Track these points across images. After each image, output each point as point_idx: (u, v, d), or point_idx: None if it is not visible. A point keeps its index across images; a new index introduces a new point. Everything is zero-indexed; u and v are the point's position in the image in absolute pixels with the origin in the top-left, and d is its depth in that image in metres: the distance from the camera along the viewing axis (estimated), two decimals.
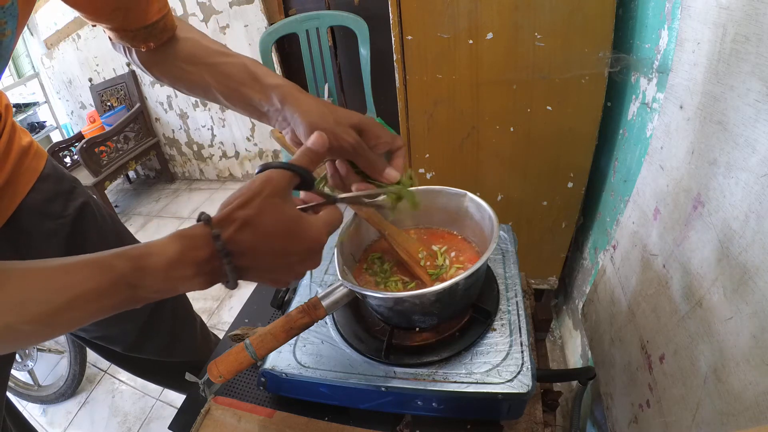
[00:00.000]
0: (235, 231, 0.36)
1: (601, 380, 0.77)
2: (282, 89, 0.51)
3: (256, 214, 0.36)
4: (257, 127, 2.53)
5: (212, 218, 0.37)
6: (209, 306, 1.83)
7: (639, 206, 0.70)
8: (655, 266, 0.61)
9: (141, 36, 0.52)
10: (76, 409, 1.51)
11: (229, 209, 0.37)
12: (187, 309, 0.94)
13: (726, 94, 0.46)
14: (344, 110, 0.50)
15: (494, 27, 0.88)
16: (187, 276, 0.36)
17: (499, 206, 1.12)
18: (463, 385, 0.49)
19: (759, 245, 0.39)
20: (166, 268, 0.35)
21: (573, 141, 0.98)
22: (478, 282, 0.57)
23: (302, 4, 1.94)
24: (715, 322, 0.45)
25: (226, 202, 0.37)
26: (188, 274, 0.36)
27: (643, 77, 0.82)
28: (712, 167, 0.48)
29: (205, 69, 0.53)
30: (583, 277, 1.15)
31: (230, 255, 0.36)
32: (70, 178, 0.70)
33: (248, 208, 0.36)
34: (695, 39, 0.54)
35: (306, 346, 0.58)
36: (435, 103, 1.01)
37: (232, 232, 0.36)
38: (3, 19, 0.39)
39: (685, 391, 0.49)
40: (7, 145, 0.58)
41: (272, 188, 0.38)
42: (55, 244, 0.65)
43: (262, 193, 0.37)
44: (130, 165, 2.64)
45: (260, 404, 0.61)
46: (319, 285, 0.69)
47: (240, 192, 0.37)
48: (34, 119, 3.26)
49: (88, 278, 0.33)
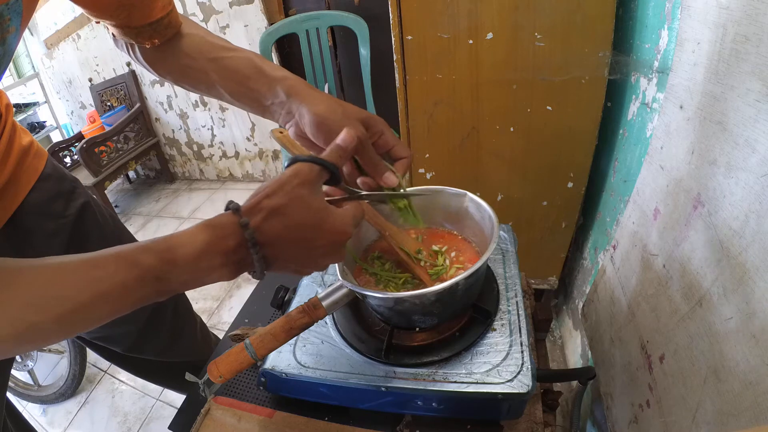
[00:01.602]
0: (263, 220, 0.36)
1: (601, 380, 0.77)
2: (288, 82, 0.51)
3: (285, 204, 0.36)
4: (257, 127, 2.53)
5: (241, 207, 0.37)
6: (209, 306, 1.83)
7: (639, 206, 0.70)
8: (655, 266, 0.61)
9: (146, 33, 0.51)
10: (76, 409, 1.51)
11: (257, 198, 0.37)
12: (187, 309, 0.94)
13: (726, 94, 0.46)
14: (352, 105, 0.51)
15: (494, 27, 0.88)
16: (214, 266, 0.36)
17: (499, 206, 1.12)
18: (463, 385, 0.49)
19: (759, 245, 0.39)
20: (196, 258, 0.35)
21: (573, 141, 0.98)
22: (478, 282, 0.57)
23: (302, 4, 1.94)
24: (715, 322, 0.45)
25: (255, 192, 0.38)
26: (216, 263, 0.36)
27: (643, 77, 0.82)
28: (712, 167, 0.48)
29: (210, 64, 0.53)
30: (583, 277, 1.15)
31: (258, 244, 0.36)
32: (70, 178, 0.70)
33: (276, 197, 0.36)
34: (695, 39, 0.54)
35: (306, 346, 0.58)
36: (435, 103, 1.01)
37: (260, 220, 0.36)
38: (7, 16, 0.39)
39: (685, 391, 0.49)
40: (8, 145, 0.58)
41: (301, 180, 0.38)
42: (56, 244, 0.65)
43: (291, 183, 0.37)
44: (130, 165, 2.64)
45: (260, 404, 0.61)
46: (319, 285, 0.69)
47: (268, 183, 0.38)
48: (34, 119, 3.26)
49: (114, 273, 0.33)
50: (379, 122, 0.52)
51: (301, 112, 0.49)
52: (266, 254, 0.37)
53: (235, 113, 2.52)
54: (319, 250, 0.40)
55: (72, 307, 0.31)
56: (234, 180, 2.89)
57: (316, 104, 0.49)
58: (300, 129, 0.51)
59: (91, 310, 0.32)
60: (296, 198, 0.37)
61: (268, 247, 0.37)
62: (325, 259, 0.41)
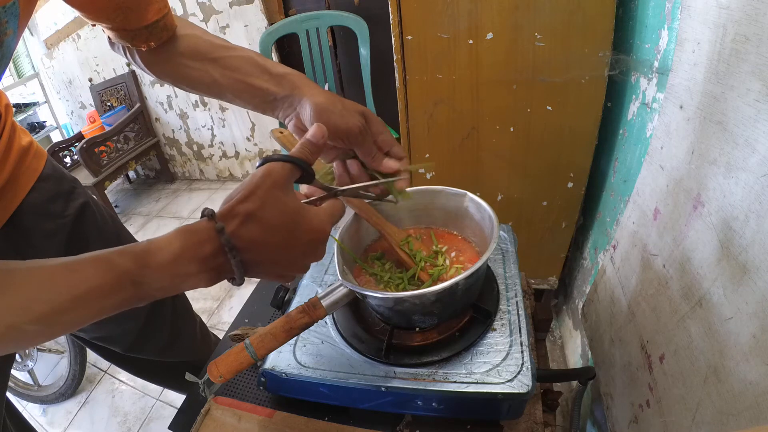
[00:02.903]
0: (239, 225, 0.36)
1: (601, 380, 0.77)
2: (290, 77, 0.52)
3: (259, 207, 0.36)
4: (257, 127, 2.53)
5: (216, 213, 0.36)
6: (209, 306, 1.83)
7: (639, 206, 0.70)
8: (655, 266, 0.61)
9: (141, 36, 0.52)
10: (76, 409, 1.51)
11: (231, 203, 0.36)
12: (187, 309, 0.94)
13: (726, 94, 0.46)
14: (351, 101, 0.51)
15: (494, 27, 0.88)
16: (191, 272, 0.36)
17: (499, 206, 1.12)
18: (463, 385, 0.49)
19: (759, 245, 0.39)
20: (170, 264, 0.35)
21: (573, 141, 0.98)
22: (478, 282, 0.57)
23: (302, 4, 1.94)
24: (715, 322, 0.45)
25: (228, 197, 0.37)
26: (192, 270, 0.35)
27: (643, 77, 0.82)
28: (712, 167, 0.48)
29: (210, 64, 0.53)
30: (583, 277, 1.15)
31: (235, 249, 0.36)
32: (70, 179, 0.70)
33: (250, 201, 0.36)
34: (695, 39, 0.54)
35: (306, 346, 0.58)
36: (435, 103, 1.01)
37: (236, 225, 0.36)
38: (4, 19, 0.39)
39: (685, 391, 0.49)
40: (8, 145, 0.58)
41: (273, 181, 0.37)
42: (56, 244, 0.65)
43: (263, 185, 0.37)
44: (130, 165, 2.64)
45: (260, 404, 0.61)
46: (319, 285, 0.69)
47: (241, 186, 0.37)
48: (34, 119, 3.25)
49: (92, 276, 0.33)
50: (377, 121, 0.52)
51: (303, 106, 0.50)
52: (244, 259, 0.37)
53: (235, 113, 2.52)
54: (298, 250, 0.39)
55: (50, 309, 0.31)
56: (234, 180, 2.89)
57: (317, 97, 0.49)
58: (300, 123, 0.52)
59: (70, 312, 0.32)
60: (270, 200, 0.37)
61: (245, 251, 0.36)
62: (305, 259, 0.41)
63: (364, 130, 0.50)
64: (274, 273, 0.40)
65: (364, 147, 0.51)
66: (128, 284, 0.34)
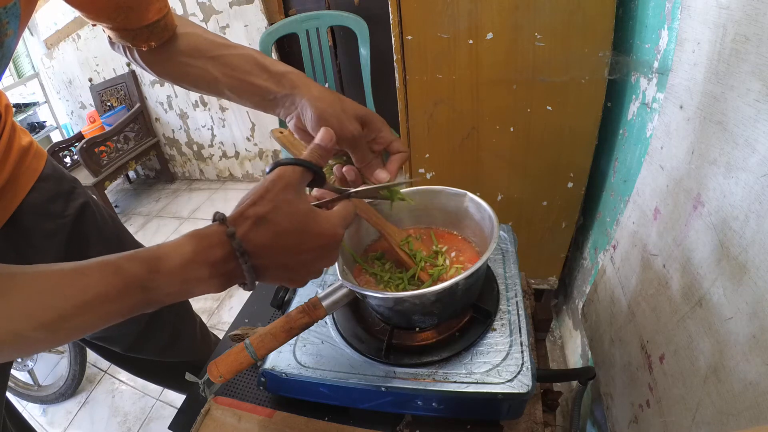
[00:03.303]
0: (250, 228, 0.35)
1: (601, 380, 0.77)
2: (290, 76, 0.51)
3: (270, 210, 0.36)
4: (257, 127, 2.53)
5: (227, 217, 0.36)
6: (209, 306, 1.83)
7: (639, 206, 0.70)
8: (655, 266, 0.61)
9: (142, 35, 0.52)
10: (76, 409, 1.51)
11: (243, 207, 0.36)
12: (187, 309, 0.94)
13: (726, 94, 0.46)
14: (352, 101, 0.51)
15: (494, 27, 0.88)
16: (201, 277, 0.35)
17: (499, 206, 1.12)
18: (463, 385, 0.49)
19: (759, 245, 0.39)
20: (181, 269, 0.34)
21: (573, 141, 0.98)
22: (478, 282, 0.57)
23: (302, 4, 1.94)
24: (715, 322, 0.45)
25: (240, 201, 0.37)
26: (203, 275, 0.35)
27: (643, 77, 0.82)
28: (712, 167, 0.48)
29: (211, 62, 0.53)
30: (583, 277, 1.15)
31: (246, 254, 0.35)
32: (70, 179, 0.70)
33: (261, 205, 0.36)
34: (695, 39, 0.54)
35: (306, 346, 0.58)
36: (435, 103, 1.01)
37: (246, 229, 0.35)
38: (5, 19, 0.39)
39: (685, 391, 0.49)
40: (8, 145, 0.58)
41: (284, 184, 0.37)
42: (56, 245, 0.65)
43: (274, 189, 0.37)
44: (130, 165, 2.64)
45: (260, 404, 0.61)
46: (319, 285, 0.69)
47: (253, 190, 0.37)
48: (34, 119, 3.26)
49: (99, 282, 0.32)
50: (377, 120, 0.52)
51: (303, 105, 0.50)
52: (256, 264, 0.36)
53: (236, 113, 2.52)
54: (310, 255, 0.39)
55: (56, 315, 0.30)
56: (234, 180, 2.89)
57: (318, 97, 0.49)
58: (300, 122, 0.52)
59: (75, 318, 0.31)
60: (282, 203, 0.36)
61: (257, 256, 0.36)
62: (317, 263, 0.40)
63: (358, 136, 0.50)
64: (286, 277, 0.40)
65: (357, 153, 0.51)
66: (137, 290, 0.33)
